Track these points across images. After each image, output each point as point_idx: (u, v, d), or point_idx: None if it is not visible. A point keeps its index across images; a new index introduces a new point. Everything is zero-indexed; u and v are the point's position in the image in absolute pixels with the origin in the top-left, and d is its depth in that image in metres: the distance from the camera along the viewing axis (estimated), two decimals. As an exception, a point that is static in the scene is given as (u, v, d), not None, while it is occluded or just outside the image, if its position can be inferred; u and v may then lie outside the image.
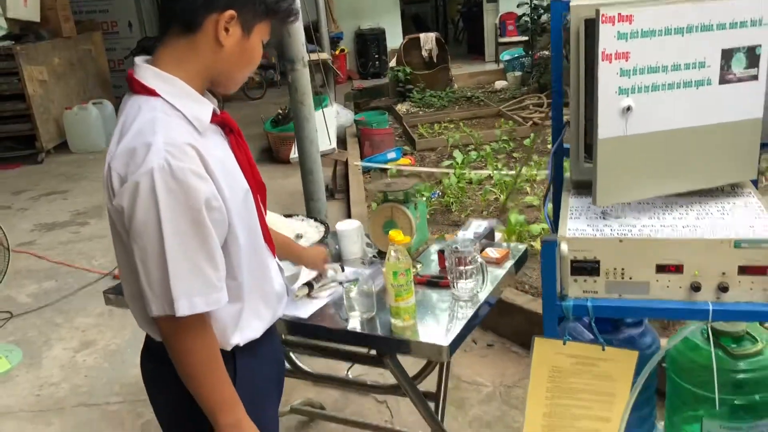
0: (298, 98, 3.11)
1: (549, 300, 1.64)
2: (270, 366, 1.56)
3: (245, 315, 1.44)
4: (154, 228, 1.24)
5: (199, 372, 1.35)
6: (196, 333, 1.32)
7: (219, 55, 1.36)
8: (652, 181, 1.68)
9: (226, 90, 1.46)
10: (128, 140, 1.27)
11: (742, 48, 1.61)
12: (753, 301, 1.53)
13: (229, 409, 1.37)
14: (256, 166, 1.50)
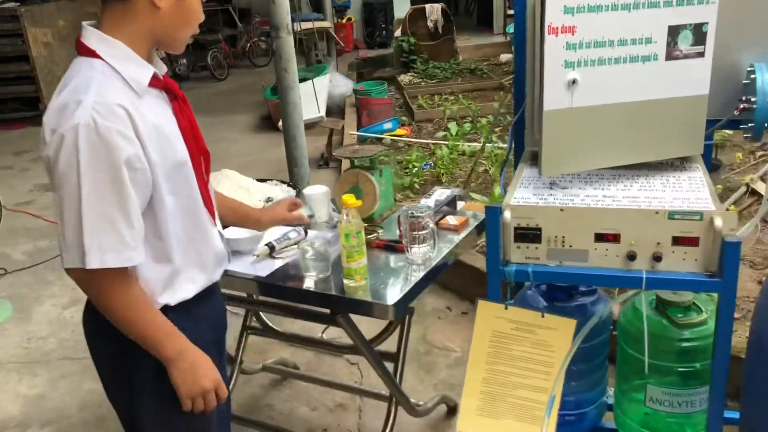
0: (282, 65, 3.15)
1: (492, 264, 1.71)
2: (205, 327, 1.58)
3: (176, 277, 1.48)
4: (73, 180, 1.28)
5: (126, 316, 1.39)
6: (112, 284, 1.35)
7: (157, 17, 1.39)
8: (597, 153, 1.73)
9: (172, 51, 1.50)
10: (63, 96, 1.32)
11: (688, 25, 1.65)
12: (685, 270, 1.59)
13: (169, 341, 1.42)
14: (200, 133, 1.53)
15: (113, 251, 1.32)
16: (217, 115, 8.06)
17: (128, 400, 1.54)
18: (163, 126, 1.41)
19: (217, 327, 1.68)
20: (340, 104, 7.42)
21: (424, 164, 5.22)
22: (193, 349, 1.47)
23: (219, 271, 1.61)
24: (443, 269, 1.98)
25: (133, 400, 1.52)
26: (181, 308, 1.50)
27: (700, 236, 1.56)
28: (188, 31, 1.46)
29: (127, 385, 1.51)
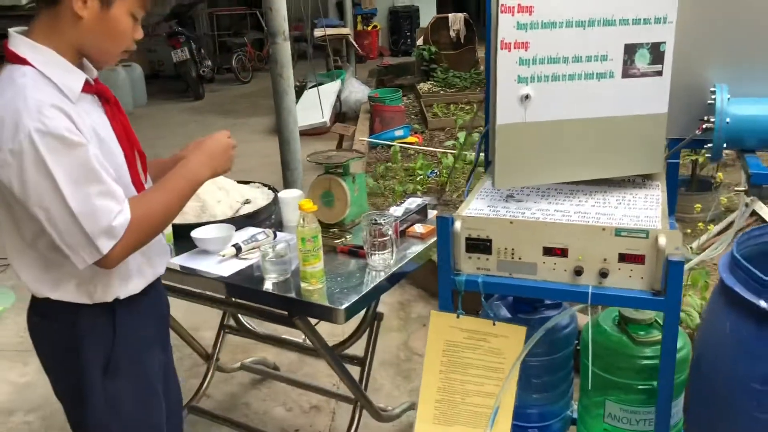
0: (278, 71, 3.21)
1: (444, 274, 1.73)
2: (151, 320, 1.63)
3: (127, 271, 1.51)
4: (50, 186, 1.30)
5: (161, 221, 1.47)
6: (129, 235, 1.38)
7: (79, 28, 1.38)
8: (552, 168, 1.74)
9: (100, 64, 1.50)
10: (0, 108, 1.31)
11: (645, 44, 1.66)
12: (630, 288, 1.60)
13: (191, 177, 1.52)
14: (133, 134, 1.55)
15: (114, 220, 1.35)
16: (238, 117, 8.19)
17: (76, 396, 1.54)
18: (100, 129, 1.43)
19: (161, 322, 1.72)
20: (356, 110, 7.49)
21: (429, 172, 5.25)
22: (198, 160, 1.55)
23: (162, 264, 1.65)
24: (403, 276, 2.00)
25: (81, 397, 1.53)
26: (131, 303, 1.54)
27: (645, 254, 1.56)
28: (113, 44, 1.45)
29: (75, 381, 1.52)
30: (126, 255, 1.42)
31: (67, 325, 1.49)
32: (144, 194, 1.49)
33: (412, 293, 3.55)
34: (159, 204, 1.46)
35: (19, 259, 1.46)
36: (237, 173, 2.07)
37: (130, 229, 1.38)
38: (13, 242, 1.46)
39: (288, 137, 3.35)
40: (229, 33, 11.68)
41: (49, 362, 1.58)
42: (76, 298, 1.47)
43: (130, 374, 1.57)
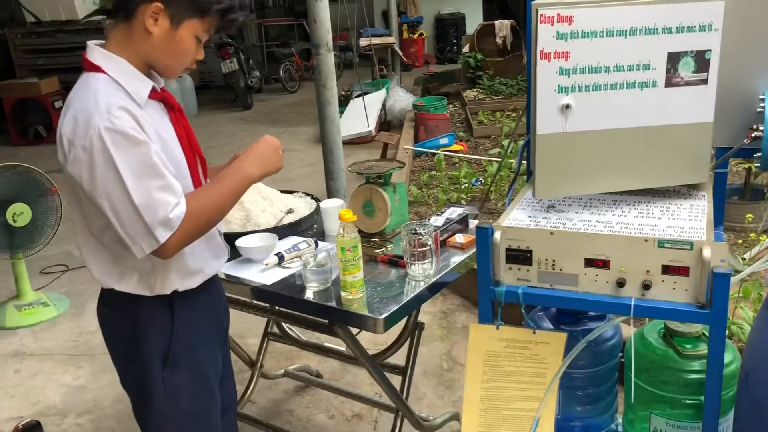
0: (321, 81, 3.26)
1: (484, 285, 1.73)
2: (208, 317, 1.73)
3: (184, 267, 1.62)
4: (115, 179, 1.43)
5: (215, 214, 1.58)
6: (186, 226, 1.49)
7: (149, 42, 1.52)
8: (593, 178, 1.72)
9: (165, 76, 1.63)
10: (76, 107, 1.46)
11: (690, 52, 1.63)
12: (674, 300, 1.57)
13: (242, 177, 1.62)
14: (195, 140, 1.68)
15: (171, 212, 1.46)
16: (284, 126, 8.31)
17: (139, 387, 1.67)
18: (163, 133, 1.56)
19: (218, 320, 1.80)
20: (400, 118, 7.51)
21: (473, 181, 5.23)
22: (249, 160, 1.64)
23: (219, 263, 1.75)
24: (444, 286, 2.00)
25: (143, 388, 1.65)
26: (188, 298, 1.65)
27: (690, 266, 1.53)
28: (177, 61, 1.58)
29: (137, 371, 1.65)
30: (181, 246, 1.52)
31: (129, 315, 1.61)
32: (199, 190, 1.60)
33: (455, 302, 3.54)
34: (212, 199, 1.57)
35: (89, 252, 1.60)
36: (282, 182, 2.10)
37: (186, 221, 1.49)
38: (84, 236, 1.59)
39: (331, 147, 3.38)
40: (277, 43, 11.88)
41: (114, 352, 1.72)
42: (137, 289, 1.59)
43: (188, 368, 1.67)
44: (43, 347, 3.54)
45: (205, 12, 1.54)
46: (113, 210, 1.45)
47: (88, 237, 1.58)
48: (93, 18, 8.30)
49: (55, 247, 4.37)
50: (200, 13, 1.54)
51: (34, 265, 4.19)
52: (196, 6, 1.53)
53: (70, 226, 4.13)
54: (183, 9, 1.52)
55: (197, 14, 1.53)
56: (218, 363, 1.79)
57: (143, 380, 1.64)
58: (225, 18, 1.58)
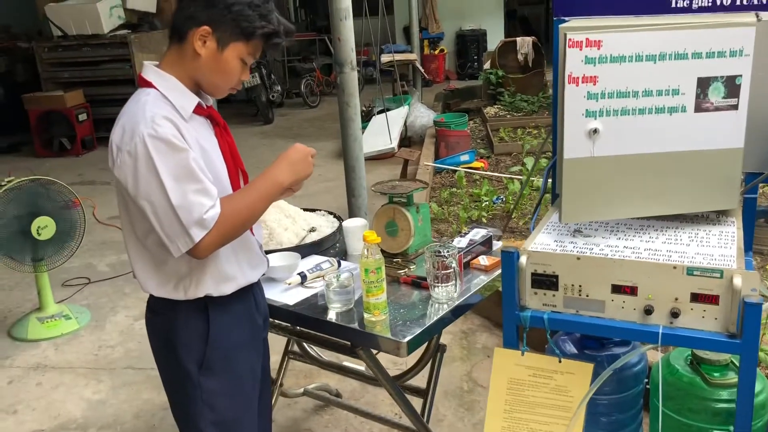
0: (345, 99, 3.27)
1: (509, 310, 1.71)
2: (244, 324, 1.78)
3: (220, 273, 1.68)
4: (155, 181, 1.52)
5: (248, 218, 1.65)
6: (219, 227, 1.56)
7: (197, 63, 1.64)
8: (620, 203, 1.70)
9: (212, 95, 1.74)
10: (125, 117, 1.58)
11: (720, 77, 1.61)
12: (703, 329, 1.54)
13: (273, 185, 1.68)
14: (238, 154, 1.77)
15: (205, 213, 1.54)
16: (305, 140, 8.20)
17: (178, 390, 1.76)
18: (206, 146, 1.65)
19: (255, 328, 1.84)
20: (421, 134, 7.52)
21: (495, 198, 5.21)
22: (280, 166, 1.70)
23: (256, 274, 1.81)
24: (467, 309, 1.99)
25: (181, 391, 1.74)
26: (223, 304, 1.71)
27: (719, 294, 1.50)
28: (222, 80, 1.68)
29: (175, 375, 1.74)
30: (216, 246, 1.60)
31: (168, 320, 1.71)
32: (234, 194, 1.68)
33: (475, 322, 3.52)
34: (245, 203, 1.64)
35: (135, 256, 1.69)
36: (301, 197, 2.09)
37: (220, 222, 1.56)
38: (130, 241, 1.69)
39: (353, 164, 3.39)
40: (298, 58, 11.96)
41: (156, 356, 1.80)
42: (173, 294, 1.67)
43: (224, 374, 1.74)
44: (65, 360, 3.57)
45: (249, 36, 1.63)
46: (153, 211, 1.54)
47: (135, 241, 1.67)
48: (118, 32, 8.41)
49: (78, 260, 4.41)
50: (245, 36, 1.63)
51: (56, 277, 4.23)
52: (242, 30, 1.62)
53: (93, 239, 4.17)
54: (229, 33, 1.62)
55: (242, 38, 1.63)
56: (256, 371, 1.84)
57: (181, 384, 1.73)
58: (269, 42, 1.67)
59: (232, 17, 1.61)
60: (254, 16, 1.62)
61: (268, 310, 1.92)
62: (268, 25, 1.64)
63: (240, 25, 1.61)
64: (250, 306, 1.81)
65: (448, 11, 11.97)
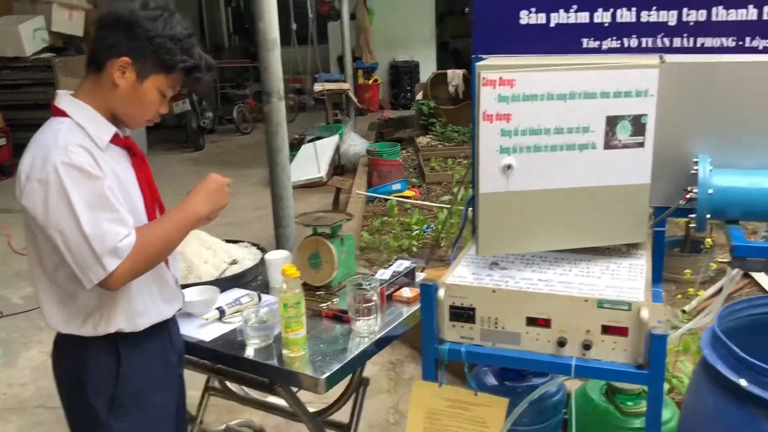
0: (272, 129, 3.26)
1: (428, 343, 1.71)
2: (156, 361, 1.72)
3: (131, 305, 1.63)
4: (67, 209, 1.48)
5: (162, 249, 1.63)
6: (134, 257, 1.53)
7: (115, 93, 1.61)
8: (535, 237, 1.74)
9: (128, 126, 1.70)
10: (36, 146, 1.54)
11: (627, 116, 1.68)
12: (614, 360, 1.58)
13: (188, 216, 1.66)
14: (155, 186, 1.74)
15: (120, 242, 1.50)
16: (236, 168, 8.23)
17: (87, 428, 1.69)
18: (122, 177, 1.62)
19: (169, 365, 1.78)
20: (354, 163, 7.54)
21: (425, 227, 5.25)
22: (197, 196, 1.69)
23: (171, 309, 1.76)
24: (391, 341, 1.99)
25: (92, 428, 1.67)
26: (135, 341, 1.66)
27: (628, 327, 1.55)
28: (140, 112, 1.66)
29: (84, 417, 1.67)
30: (130, 276, 1.55)
31: (75, 358, 1.64)
32: (149, 224, 1.65)
33: (403, 352, 3.51)
34: (161, 234, 1.62)
35: (42, 291, 1.64)
36: (232, 226, 2.06)
37: (134, 252, 1.53)
38: (38, 275, 1.63)
39: (281, 194, 3.36)
40: (231, 84, 11.85)
41: (62, 396, 1.72)
42: (82, 330, 1.62)
43: (136, 413, 1.68)
44: (-29, 399, 3.36)
45: (170, 69, 1.62)
46: (64, 241, 1.49)
47: (41, 274, 1.62)
48: (42, 55, 8.15)
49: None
50: (166, 69, 1.62)
51: (-34, 310, 4.01)
52: (162, 63, 1.61)
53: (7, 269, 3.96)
54: (149, 64, 1.60)
55: (163, 70, 1.62)
56: (170, 410, 1.78)
57: (89, 425, 1.66)
58: (190, 76, 1.66)
59: (153, 49, 1.60)
60: (176, 49, 1.61)
61: (183, 346, 1.86)
62: (189, 59, 1.64)
63: (161, 57, 1.60)
64: (164, 342, 1.76)
65: (381, 42, 12.12)
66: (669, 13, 1.84)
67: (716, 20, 1.82)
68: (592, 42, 1.90)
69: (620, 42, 1.88)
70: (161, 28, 1.60)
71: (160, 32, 1.60)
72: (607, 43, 1.90)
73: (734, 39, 1.81)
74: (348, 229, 5.29)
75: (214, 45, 13.98)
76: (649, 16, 1.84)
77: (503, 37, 1.98)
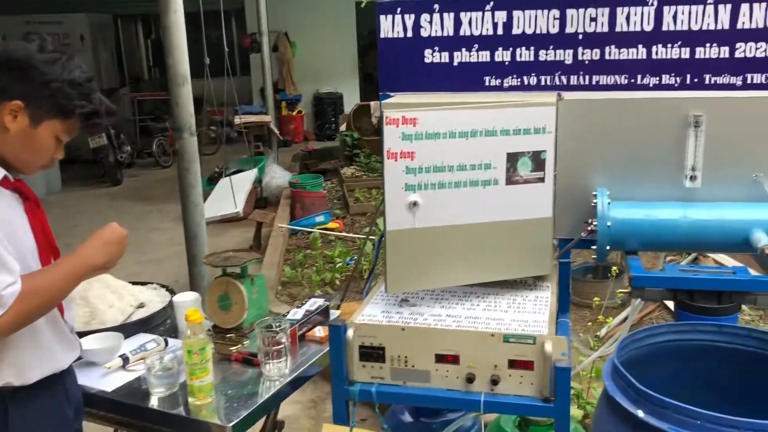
0: (184, 165, 3.19)
1: (337, 384, 1.69)
2: (50, 417, 1.62)
3: (19, 356, 1.54)
4: None
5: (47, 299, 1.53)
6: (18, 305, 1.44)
7: (6, 138, 1.54)
8: (443, 273, 1.75)
9: (20, 171, 1.61)
10: None
11: (527, 152, 1.73)
12: (521, 394, 1.59)
13: (81, 266, 1.58)
14: (50, 230, 1.65)
15: (4, 290, 1.42)
16: (154, 203, 8.02)
17: None
18: (14, 222, 1.53)
19: (63, 418, 1.67)
20: (277, 195, 7.47)
21: (348, 260, 5.23)
22: (92, 245, 1.61)
23: (66, 359, 1.66)
24: (305, 381, 1.95)
25: None
26: (26, 395, 1.56)
27: (534, 360, 1.57)
28: (33, 158, 1.59)
29: None
30: (15, 326, 1.47)
31: None
32: (38, 271, 1.56)
33: (325, 389, 3.45)
34: (50, 282, 1.54)
35: None
36: (150, 263, 1.98)
37: (19, 301, 1.44)
38: None
39: (195, 232, 3.28)
40: (151, 117, 11.59)
41: None
42: None
43: None
44: None
45: (68, 114, 1.56)
46: None
47: None
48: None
49: None
50: (63, 115, 1.55)
51: None
52: (60, 108, 1.54)
53: None
54: (45, 109, 1.53)
55: (59, 116, 1.55)
56: None
57: None
58: (88, 122, 1.60)
59: (50, 93, 1.53)
60: (74, 94, 1.55)
61: (81, 399, 1.76)
62: (88, 105, 1.58)
63: (59, 102, 1.54)
64: (59, 396, 1.66)
65: (305, 74, 12.16)
66: (565, 52, 1.91)
67: (609, 59, 1.90)
68: (494, 80, 1.95)
69: (520, 80, 1.94)
70: (59, 72, 1.54)
71: (58, 76, 1.53)
72: (509, 80, 1.95)
73: (626, 77, 1.90)
74: (269, 264, 5.23)
75: (134, 77, 13.68)
76: (547, 55, 1.91)
77: (409, 75, 2.01)
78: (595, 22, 1.87)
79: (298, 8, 11.71)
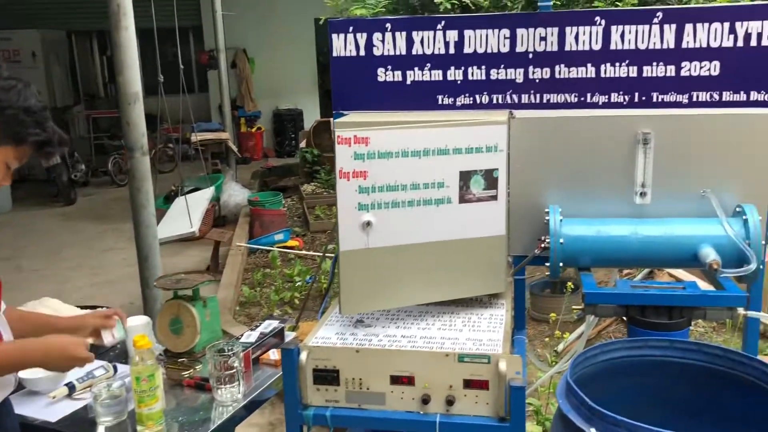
0: (136, 185, 3.12)
1: (291, 409, 1.65)
2: None
3: None
4: None
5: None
6: None
7: None
8: (398, 292, 1.74)
9: None
10: None
11: (479, 171, 1.73)
12: (477, 414, 1.58)
13: (25, 356, 1.57)
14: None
15: None
16: (110, 222, 7.85)
17: None
18: None
19: None
20: (236, 213, 7.38)
21: (307, 278, 5.18)
22: (43, 347, 1.59)
23: (1, 393, 1.61)
24: (260, 404, 1.90)
25: None
26: None
27: (489, 379, 1.56)
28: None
29: None
30: None
31: None
32: None
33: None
34: None
35: None
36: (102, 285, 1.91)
37: None
38: None
39: (147, 253, 3.21)
40: (107, 135, 11.37)
41: None
42: None
43: None
44: None
45: (20, 141, 1.54)
46: None
47: None
48: None
49: None
50: (15, 141, 1.53)
51: None
52: (13, 135, 1.52)
53: None
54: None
55: (11, 142, 1.52)
56: None
57: None
58: (41, 150, 1.57)
59: (4, 120, 1.51)
60: (29, 122, 1.53)
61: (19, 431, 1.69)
62: (42, 133, 1.55)
63: (12, 129, 1.51)
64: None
65: (264, 90, 12.09)
66: (516, 71, 1.94)
67: (559, 77, 1.93)
68: (447, 98, 1.96)
69: (473, 98, 1.96)
70: (15, 99, 1.53)
71: (12, 103, 1.52)
72: (461, 99, 1.96)
73: (576, 95, 1.93)
74: (227, 284, 5.15)
75: (89, 94, 13.43)
76: (498, 73, 1.93)
77: (362, 93, 2.01)
78: (545, 41, 1.90)
79: (256, 25, 11.66)
